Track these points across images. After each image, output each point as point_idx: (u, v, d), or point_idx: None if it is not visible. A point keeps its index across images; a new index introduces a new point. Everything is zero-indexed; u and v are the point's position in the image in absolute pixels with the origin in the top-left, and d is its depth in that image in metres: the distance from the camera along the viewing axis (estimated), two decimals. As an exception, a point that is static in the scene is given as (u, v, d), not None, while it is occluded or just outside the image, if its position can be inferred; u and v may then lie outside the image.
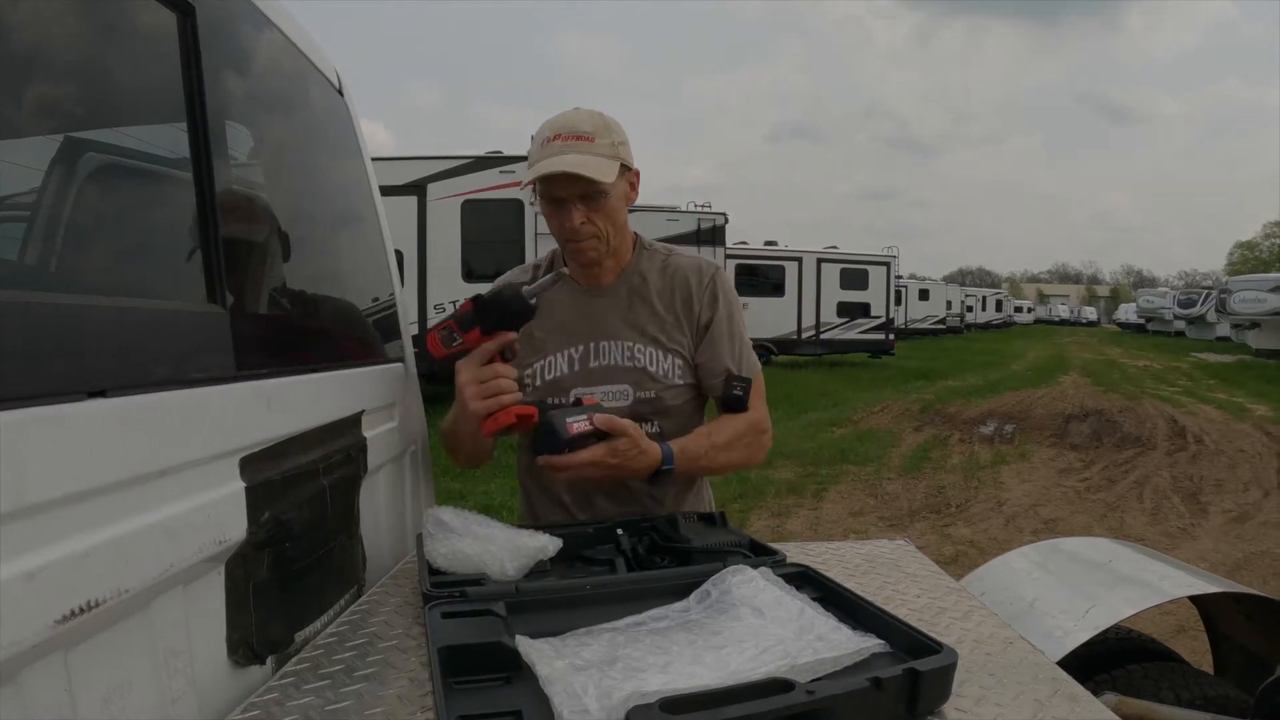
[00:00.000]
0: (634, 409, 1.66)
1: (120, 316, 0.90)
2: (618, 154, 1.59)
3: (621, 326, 1.70)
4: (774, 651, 0.92)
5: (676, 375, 1.69)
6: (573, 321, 1.72)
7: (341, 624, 1.18)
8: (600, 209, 1.61)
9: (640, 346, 1.69)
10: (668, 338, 1.70)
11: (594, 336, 1.70)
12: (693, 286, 1.72)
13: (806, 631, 0.98)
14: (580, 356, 1.70)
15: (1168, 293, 51.43)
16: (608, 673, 0.86)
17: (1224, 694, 2.01)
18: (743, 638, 0.96)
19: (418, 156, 11.71)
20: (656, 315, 1.71)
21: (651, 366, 1.68)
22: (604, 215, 1.62)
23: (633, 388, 1.68)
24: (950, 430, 11.15)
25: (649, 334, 1.70)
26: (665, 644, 0.95)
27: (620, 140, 1.61)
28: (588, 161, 1.55)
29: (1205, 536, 6.17)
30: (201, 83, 1.09)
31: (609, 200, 1.61)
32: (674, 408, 1.69)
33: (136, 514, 0.85)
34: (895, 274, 23.44)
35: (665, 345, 1.69)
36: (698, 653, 0.92)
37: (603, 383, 1.68)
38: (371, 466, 1.56)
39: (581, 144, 1.56)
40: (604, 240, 1.64)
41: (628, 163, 1.63)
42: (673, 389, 1.69)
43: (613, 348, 1.70)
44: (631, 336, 1.70)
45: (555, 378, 1.71)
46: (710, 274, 1.74)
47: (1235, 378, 19.51)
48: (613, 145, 1.59)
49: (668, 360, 1.69)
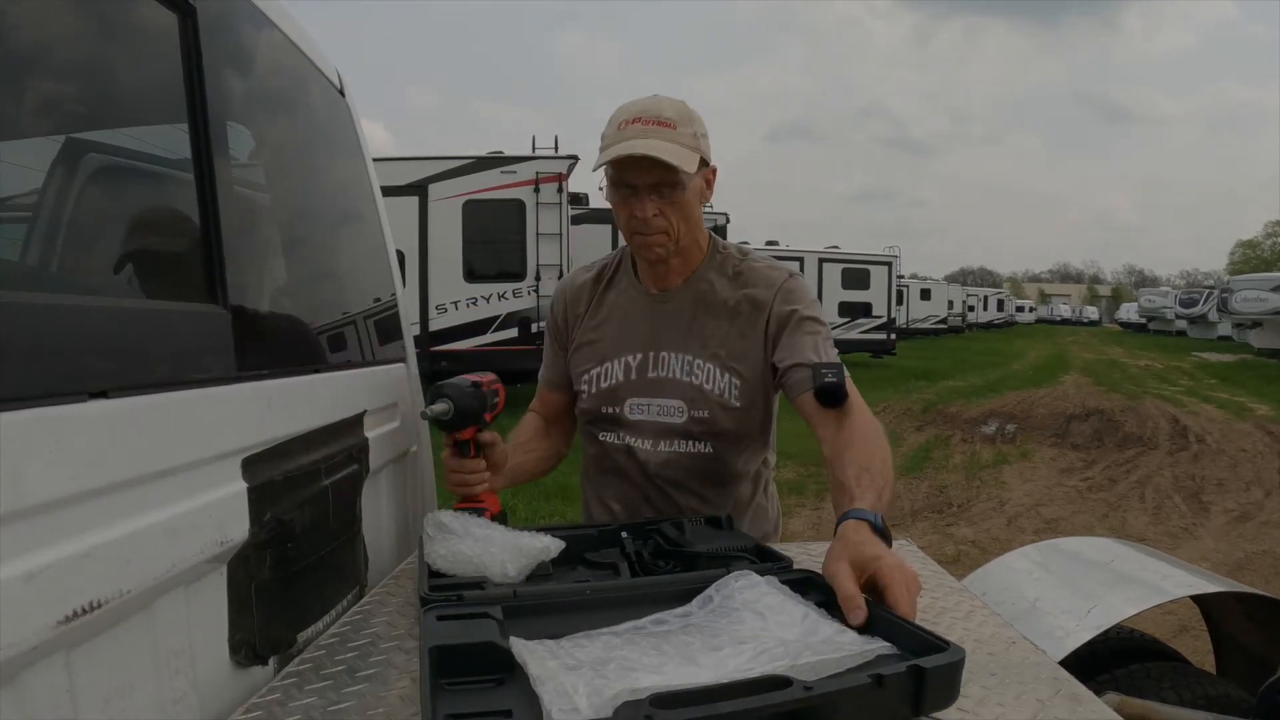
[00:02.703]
0: (686, 427, 1.59)
1: (122, 317, 0.91)
2: (699, 146, 1.50)
3: (683, 338, 1.60)
4: (774, 653, 0.90)
5: (733, 397, 1.57)
6: (634, 327, 1.63)
7: (343, 624, 1.18)
8: (674, 201, 1.50)
9: (700, 362, 1.58)
10: (728, 353, 1.58)
11: (654, 346, 1.61)
12: (762, 294, 1.58)
13: (810, 634, 0.97)
14: (638, 365, 1.62)
15: (1169, 292, 51.43)
16: (600, 671, 0.85)
17: (1226, 694, 2.01)
18: (742, 639, 0.95)
19: (419, 157, 11.70)
20: (720, 329, 1.59)
21: (708, 384, 1.58)
22: (677, 209, 1.51)
23: (687, 405, 1.59)
24: (952, 430, 11.15)
25: (709, 348, 1.59)
26: (662, 646, 0.94)
27: (702, 132, 1.52)
28: (669, 148, 1.45)
29: (1207, 536, 6.16)
30: (202, 83, 1.10)
31: (685, 194, 1.50)
32: (728, 431, 1.59)
33: (138, 514, 0.85)
34: (897, 274, 23.42)
35: (724, 362, 1.58)
36: (694, 654, 0.91)
37: (658, 395, 1.60)
38: (373, 467, 1.56)
39: (663, 130, 1.46)
40: (673, 236, 1.54)
41: (707, 157, 1.53)
42: (728, 411, 1.57)
43: (672, 359, 1.60)
44: (692, 349, 1.59)
45: (611, 386, 1.63)
46: (781, 282, 1.59)
47: (1237, 377, 19.49)
48: (695, 136, 1.49)
49: (724, 379, 1.57)
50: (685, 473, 1.61)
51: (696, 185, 1.53)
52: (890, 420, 12.15)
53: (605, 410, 1.64)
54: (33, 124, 0.91)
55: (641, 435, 1.62)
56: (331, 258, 1.73)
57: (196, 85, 1.09)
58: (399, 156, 12.32)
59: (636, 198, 1.50)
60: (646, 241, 1.54)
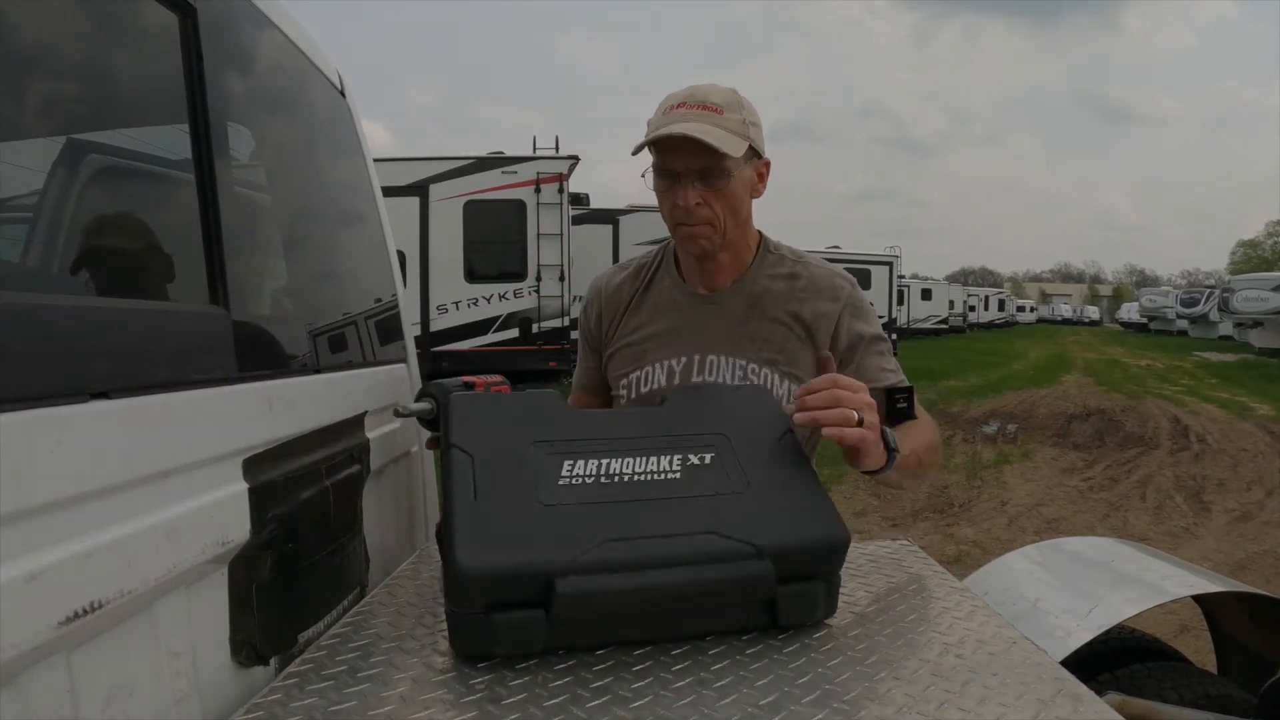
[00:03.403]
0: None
1: (123, 318, 0.91)
2: (747, 133, 1.41)
3: (736, 341, 1.50)
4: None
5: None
6: (679, 329, 1.54)
7: (345, 625, 1.18)
8: (720, 191, 1.41)
9: (754, 366, 1.49)
10: (785, 360, 1.49)
11: (701, 349, 1.51)
12: (826, 306, 1.50)
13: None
14: (682, 369, 1.52)
15: (1170, 292, 51.39)
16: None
17: (1227, 694, 2.01)
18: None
19: (419, 157, 11.71)
20: (777, 333, 1.50)
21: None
22: (723, 199, 1.42)
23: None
24: (953, 430, 11.14)
25: (765, 353, 1.49)
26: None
27: (753, 121, 1.43)
28: (714, 132, 1.36)
29: (1208, 536, 6.16)
30: (203, 84, 1.10)
31: (731, 183, 1.41)
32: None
33: (139, 515, 0.85)
34: (898, 274, 23.43)
35: (781, 368, 1.49)
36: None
37: None
38: (374, 467, 1.56)
39: (709, 114, 1.38)
40: (719, 229, 1.44)
41: (758, 147, 1.43)
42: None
43: (722, 364, 1.50)
44: (747, 354, 1.49)
45: (650, 391, 1.53)
46: (847, 294, 1.52)
47: (1238, 377, 19.48)
48: (744, 123, 1.40)
49: (783, 386, 1.48)
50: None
51: (746, 176, 1.44)
52: (891, 420, 12.12)
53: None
54: (33, 124, 0.91)
55: None
56: (332, 258, 1.73)
57: (197, 86, 1.09)
58: (400, 157, 12.33)
59: (679, 186, 1.41)
60: (691, 233, 1.45)
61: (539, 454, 1.07)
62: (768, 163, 1.49)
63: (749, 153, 1.42)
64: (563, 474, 1.05)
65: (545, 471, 1.05)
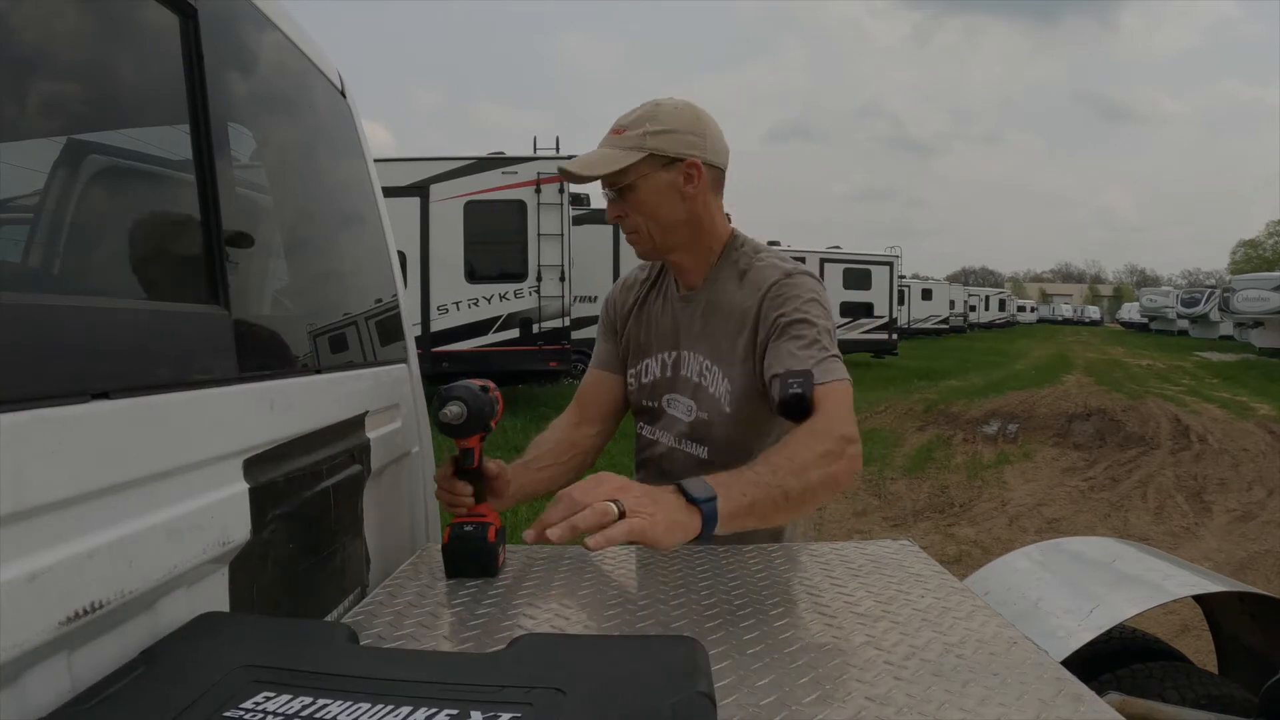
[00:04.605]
0: (690, 428, 1.60)
1: (124, 318, 0.91)
2: (644, 144, 1.46)
3: (699, 338, 1.59)
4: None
5: (725, 401, 1.54)
6: (668, 326, 1.65)
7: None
8: (629, 202, 1.50)
9: (708, 364, 1.57)
10: (726, 356, 1.55)
11: (680, 344, 1.62)
12: (751, 304, 1.52)
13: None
14: (672, 363, 1.63)
15: (1171, 292, 51.37)
16: None
17: (1228, 694, 2.00)
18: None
19: (420, 157, 11.71)
20: (722, 329, 1.56)
21: (710, 386, 1.57)
22: (638, 209, 1.50)
23: (695, 406, 1.59)
24: (954, 430, 11.14)
25: (716, 351, 1.57)
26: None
27: (659, 129, 1.47)
28: (594, 156, 1.48)
29: (1209, 536, 6.16)
30: (204, 84, 1.10)
31: (638, 193, 1.49)
32: (720, 438, 1.55)
33: (140, 515, 0.85)
34: (898, 274, 23.43)
35: (724, 366, 1.55)
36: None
37: (681, 393, 1.62)
38: (375, 468, 1.56)
39: (611, 137, 1.50)
40: (645, 234, 1.53)
41: (664, 153, 1.47)
42: (721, 415, 1.55)
43: (690, 359, 1.60)
44: (704, 351, 1.58)
45: (650, 381, 1.67)
46: (771, 282, 1.51)
47: (1239, 377, 19.48)
48: (642, 135, 1.47)
49: (723, 383, 1.55)
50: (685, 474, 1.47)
51: (659, 183, 1.49)
52: (892, 420, 12.14)
53: (646, 404, 1.68)
54: (34, 125, 0.91)
55: (665, 431, 1.65)
56: (333, 259, 1.74)
57: (198, 86, 1.09)
58: (400, 157, 12.34)
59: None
60: (628, 239, 1.57)
61: (238, 680, 0.80)
62: (693, 162, 1.49)
63: (656, 160, 1.47)
64: (245, 705, 0.76)
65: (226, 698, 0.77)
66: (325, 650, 0.88)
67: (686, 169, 1.49)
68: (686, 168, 1.49)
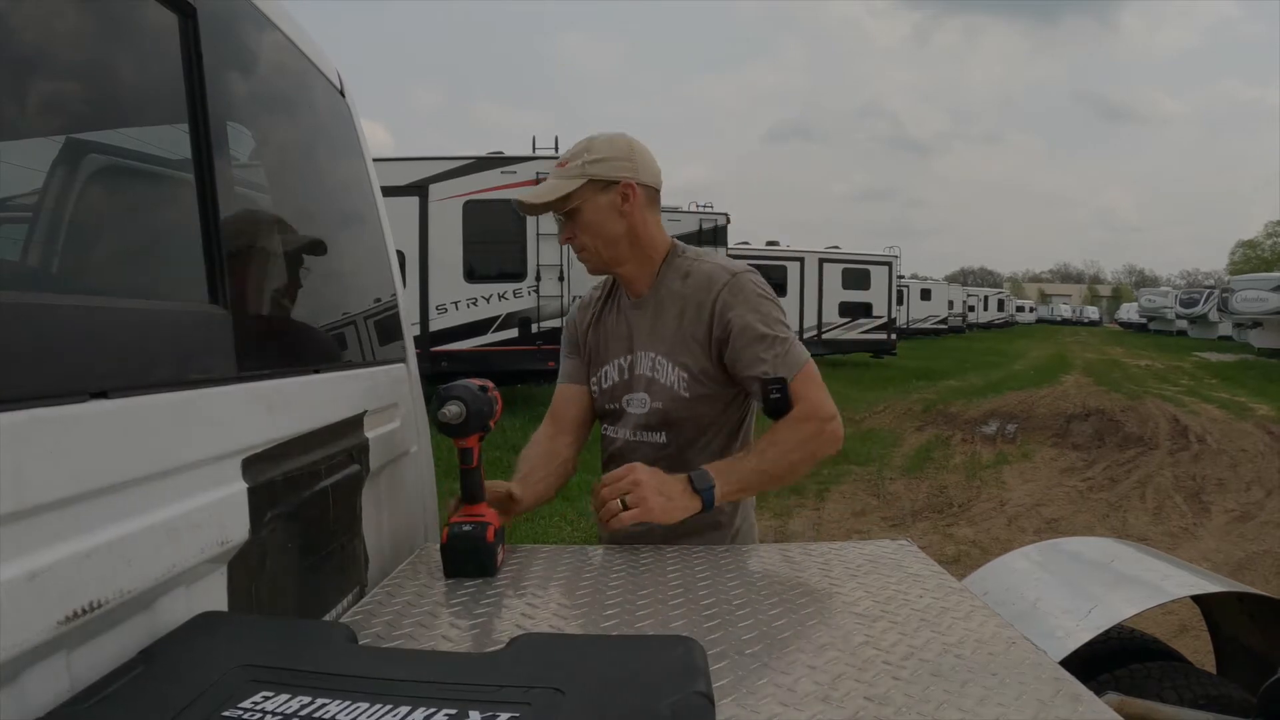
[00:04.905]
0: (647, 418, 1.73)
1: (122, 318, 0.91)
2: (584, 172, 1.66)
3: (650, 337, 1.75)
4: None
5: (681, 387, 1.70)
6: (622, 332, 1.80)
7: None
8: (577, 223, 1.70)
9: (658, 358, 1.73)
10: (676, 348, 1.71)
11: (634, 347, 1.77)
12: (703, 299, 1.69)
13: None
14: (627, 365, 1.78)
15: (1170, 292, 51.38)
16: None
17: (1227, 694, 2.01)
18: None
19: (419, 157, 11.69)
20: (670, 326, 1.72)
21: (661, 378, 1.72)
22: (584, 229, 1.70)
23: (650, 398, 1.73)
24: (952, 430, 11.14)
25: (665, 345, 1.72)
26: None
27: (595, 159, 1.67)
28: (543, 187, 1.69)
29: (1208, 536, 6.16)
30: (203, 84, 1.10)
31: (582, 214, 1.68)
32: (682, 420, 1.71)
33: (139, 515, 0.85)
34: (897, 274, 23.43)
35: (674, 356, 1.71)
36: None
37: (636, 390, 1.75)
38: (373, 467, 1.56)
39: (555, 170, 1.71)
40: (592, 251, 1.72)
41: (601, 178, 1.67)
42: (678, 401, 1.70)
43: (643, 358, 1.75)
44: (655, 347, 1.74)
45: (610, 385, 1.80)
46: (722, 283, 1.68)
47: (1237, 377, 19.49)
48: (582, 165, 1.67)
49: (674, 372, 1.70)
50: (646, 461, 1.63)
51: (601, 204, 1.68)
52: (891, 420, 12.14)
53: (608, 406, 1.81)
54: (33, 124, 0.91)
55: (625, 427, 1.78)
56: (332, 258, 1.73)
57: (197, 86, 1.09)
58: (399, 157, 12.31)
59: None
60: (578, 258, 1.76)
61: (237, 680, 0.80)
62: (628, 184, 1.68)
63: (595, 185, 1.67)
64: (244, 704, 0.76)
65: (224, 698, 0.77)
66: (324, 650, 0.88)
67: (623, 190, 1.68)
68: (622, 189, 1.68)
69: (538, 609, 1.26)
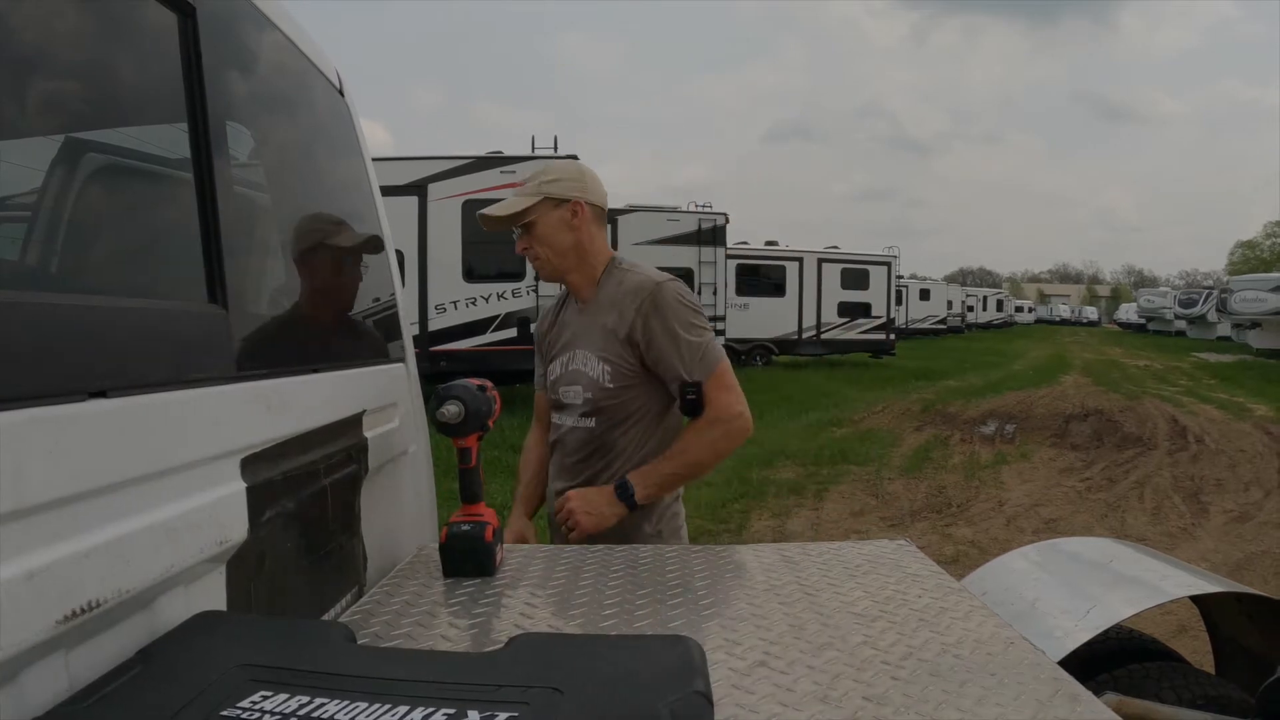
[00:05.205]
0: (582, 407, 1.96)
1: (121, 317, 0.91)
2: (540, 190, 1.91)
3: (584, 337, 1.98)
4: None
5: (606, 380, 1.93)
6: (567, 334, 2.04)
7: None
8: (531, 236, 1.93)
9: (590, 355, 1.96)
10: (605, 345, 1.93)
11: (575, 345, 2.00)
12: (628, 306, 1.90)
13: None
14: (567, 360, 2.00)
15: (1168, 292, 51.39)
16: None
17: (1225, 694, 2.01)
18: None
19: (418, 157, 11.69)
20: (602, 327, 1.95)
21: (591, 372, 1.95)
22: (538, 240, 1.93)
23: (583, 388, 1.96)
24: (951, 430, 11.15)
25: (596, 344, 1.95)
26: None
27: (551, 179, 1.92)
28: (504, 203, 1.94)
29: (1206, 536, 6.17)
30: (202, 83, 1.10)
31: (537, 228, 1.92)
32: (607, 408, 1.93)
33: (137, 514, 0.85)
34: (896, 274, 23.43)
35: (601, 353, 1.94)
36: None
37: (572, 384, 1.98)
38: (372, 467, 1.56)
39: (516, 190, 1.96)
40: (544, 260, 1.95)
41: (555, 196, 1.91)
42: (604, 391, 1.93)
43: (579, 355, 1.98)
44: (589, 346, 1.97)
45: (554, 379, 2.04)
46: (647, 292, 1.89)
47: (1236, 377, 19.51)
48: (538, 185, 1.92)
49: (600, 367, 1.94)
50: (579, 445, 1.97)
51: (553, 219, 1.92)
52: (889, 420, 12.15)
53: (554, 398, 2.04)
54: (33, 123, 0.91)
55: (568, 416, 2.00)
56: (331, 258, 1.73)
57: (196, 85, 1.09)
58: (398, 156, 12.30)
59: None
60: (533, 266, 2.01)
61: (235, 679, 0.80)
62: (577, 202, 1.93)
63: (549, 202, 1.91)
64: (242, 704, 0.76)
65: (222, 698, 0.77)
66: (322, 649, 0.88)
67: (573, 207, 1.93)
68: (573, 206, 1.93)
69: (536, 609, 1.26)
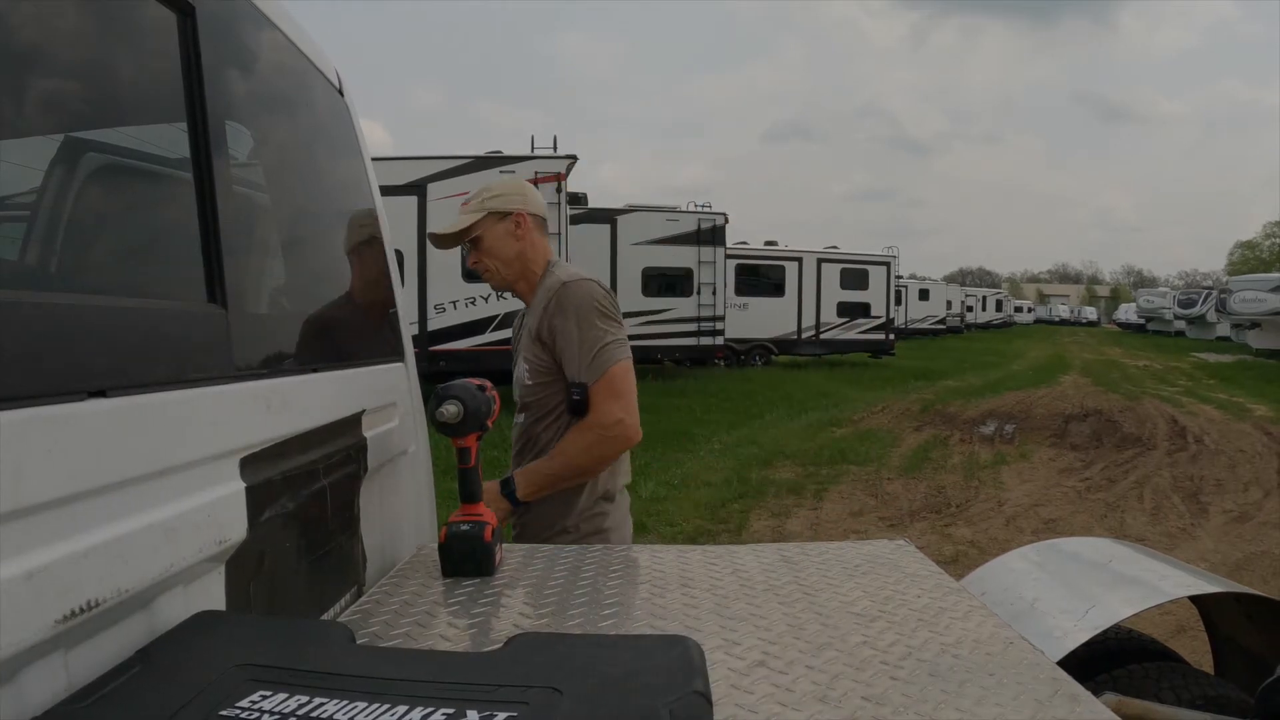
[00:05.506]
0: (519, 404, 2.10)
1: (120, 316, 0.91)
2: (484, 206, 2.05)
3: (524, 337, 2.12)
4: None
5: (527, 377, 2.06)
6: (519, 335, 2.18)
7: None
8: (481, 249, 2.07)
9: (520, 353, 2.11)
10: (527, 345, 2.07)
11: (518, 346, 2.16)
12: (540, 306, 2.03)
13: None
14: (515, 361, 2.16)
15: (1168, 293, 51.41)
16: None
17: (1224, 694, 2.01)
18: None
19: (418, 156, 11.69)
20: (528, 329, 2.08)
21: (519, 369, 2.10)
22: (485, 253, 2.07)
23: (516, 385, 2.12)
24: (950, 430, 11.15)
25: (524, 343, 2.09)
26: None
27: (493, 195, 2.06)
28: (450, 220, 2.10)
29: (1205, 536, 6.17)
30: (202, 83, 1.09)
31: (485, 241, 2.06)
32: (531, 403, 2.06)
33: (137, 514, 0.85)
34: (895, 274, 23.44)
35: (525, 353, 2.08)
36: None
37: (515, 381, 2.12)
38: (371, 466, 1.56)
39: (461, 208, 2.11)
40: (493, 271, 2.09)
41: (498, 210, 2.05)
42: (525, 388, 2.07)
43: (519, 354, 2.13)
44: (522, 345, 2.12)
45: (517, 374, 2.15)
46: (554, 292, 2.01)
47: (1235, 377, 19.52)
48: (482, 201, 2.06)
49: (524, 365, 2.07)
50: (516, 438, 2.12)
51: (498, 232, 2.05)
52: (889, 420, 12.15)
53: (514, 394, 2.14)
54: (32, 123, 0.91)
55: (518, 413, 2.12)
56: (330, 257, 1.73)
57: (196, 85, 1.09)
58: (398, 156, 12.30)
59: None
60: (484, 278, 2.14)
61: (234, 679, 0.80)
62: (520, 214, 2.06)
63: (494, 216, 2.05)
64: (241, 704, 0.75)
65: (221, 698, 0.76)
66: (322, 649, 0.88)
67: (516, 218, 2.06)
68: (515, 217, 2.06)
69: (535, 608, 1.26)
